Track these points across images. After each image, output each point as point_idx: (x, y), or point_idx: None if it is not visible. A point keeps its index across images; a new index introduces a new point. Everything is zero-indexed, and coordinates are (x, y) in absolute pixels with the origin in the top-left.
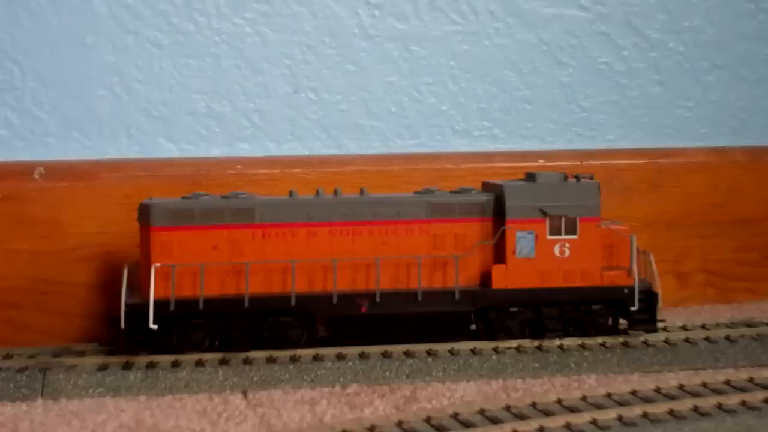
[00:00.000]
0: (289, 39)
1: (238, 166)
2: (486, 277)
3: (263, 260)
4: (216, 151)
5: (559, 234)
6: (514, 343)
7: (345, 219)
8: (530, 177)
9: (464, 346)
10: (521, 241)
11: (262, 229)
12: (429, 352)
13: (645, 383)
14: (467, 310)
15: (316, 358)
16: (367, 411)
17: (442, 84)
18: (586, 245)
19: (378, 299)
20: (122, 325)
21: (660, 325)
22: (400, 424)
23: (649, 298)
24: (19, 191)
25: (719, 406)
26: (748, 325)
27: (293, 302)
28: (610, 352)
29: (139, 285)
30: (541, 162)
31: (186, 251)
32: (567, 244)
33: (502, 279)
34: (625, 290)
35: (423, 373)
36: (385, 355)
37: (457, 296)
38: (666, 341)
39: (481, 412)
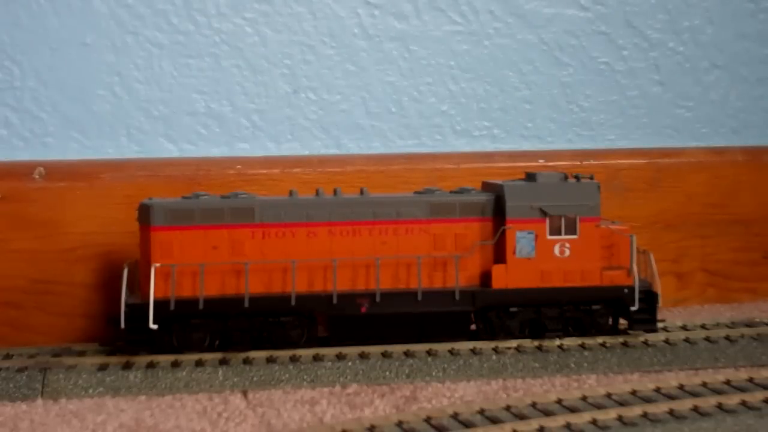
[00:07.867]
0: (289, 39)
1: (238, 166)
2: (486, 277)
3: (263, 260)
4: (216, 151)
5: (559, 234)
6: (514, 343)
7: (345, 219)
8: (530, 177)
9: (464, 346)
10: (521, 241)
11: (262, 229)
12: (429, 352)
13: (645, 383)
14: (467, 309)
15: (316, 358)
16: (367, 411)
17: (442, 84)
18: (586, 245)
19: (378, 299)
20: (122, 325)
21: (660, 325)
22: (400, 424)
23: (649, 298)
24: (19, 191)
25: (719, 406)
26: (748, 325)
27: (293, 302)
28: (610, 352)
29: (139, 285)
30: (541, 162)
31: (186, 251)
32: (567, 244)
33: (502, 279)
34: (625, 290)
35: (423, 373)
36: (385, 355)
37: (457, 296)
38: (666, 341)
39: (481, 412)
